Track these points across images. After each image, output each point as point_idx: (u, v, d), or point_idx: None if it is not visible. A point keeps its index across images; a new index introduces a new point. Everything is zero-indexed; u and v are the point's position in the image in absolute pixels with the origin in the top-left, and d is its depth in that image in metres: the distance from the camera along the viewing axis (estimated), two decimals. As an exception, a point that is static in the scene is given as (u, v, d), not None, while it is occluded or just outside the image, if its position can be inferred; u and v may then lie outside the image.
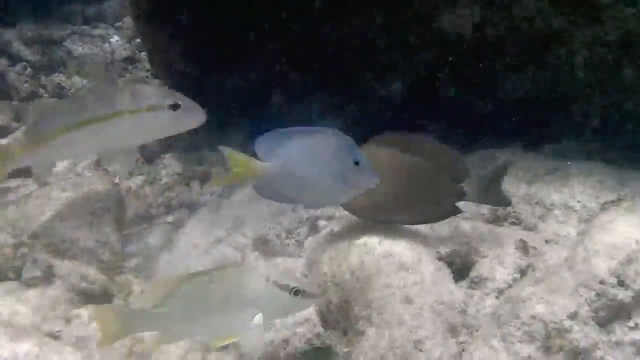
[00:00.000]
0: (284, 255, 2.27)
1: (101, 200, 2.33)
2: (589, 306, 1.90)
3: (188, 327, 1.67)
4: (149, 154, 2.88)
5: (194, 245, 2.29)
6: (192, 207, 2.55)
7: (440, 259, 2.11)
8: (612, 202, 2.22)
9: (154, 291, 1.67)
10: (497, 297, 2.04)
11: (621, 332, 1.93)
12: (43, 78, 3.50)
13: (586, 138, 2.67)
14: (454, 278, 2.08)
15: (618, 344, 1.91)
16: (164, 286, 1.64)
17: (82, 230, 2.25)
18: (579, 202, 2.25)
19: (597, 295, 1.90)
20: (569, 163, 2.38)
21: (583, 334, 1.86)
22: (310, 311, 2.11)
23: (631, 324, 1.93)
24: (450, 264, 2.11)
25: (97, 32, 3.90)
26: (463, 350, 1.93)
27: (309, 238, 2.30)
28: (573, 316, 1.87)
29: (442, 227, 2.17)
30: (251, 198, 2.35)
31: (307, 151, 1.75)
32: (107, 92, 2.03)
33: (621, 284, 1.92)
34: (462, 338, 1.96)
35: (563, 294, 1.90)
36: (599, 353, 1.87)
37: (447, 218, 2.13)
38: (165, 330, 1.66)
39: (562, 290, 1.91)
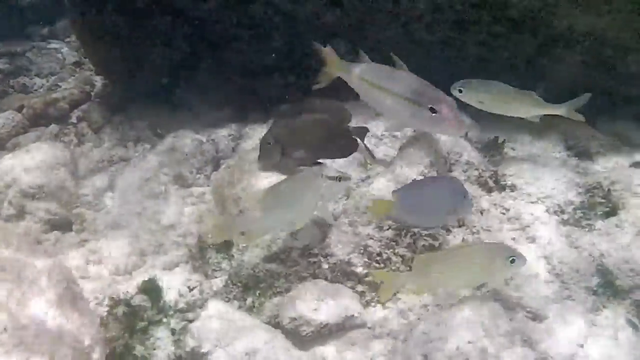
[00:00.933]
0: (197, 186, 2.29)
1: (58, 158, 2.30)
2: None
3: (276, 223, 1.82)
4: (95, 128, 2.83)
5: (129, 184, 2.29)
6: (127, 160, 2.54)
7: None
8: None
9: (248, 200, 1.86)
10: (346, 199, 2.10)
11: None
12: (11, 80, 3.38)
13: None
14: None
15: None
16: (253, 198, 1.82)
17: (45, 179, 2.21)
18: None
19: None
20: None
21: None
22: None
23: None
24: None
25: (51, 45, 3.79)
26: (325, 236, 2.00)
27: (214, 172, 2.33)
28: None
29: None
30: (166, 149, 2.35)
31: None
32: None
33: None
34: (324, 228, 2.02)
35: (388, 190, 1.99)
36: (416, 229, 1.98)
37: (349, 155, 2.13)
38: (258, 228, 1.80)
39: (387, 187, 1.99)
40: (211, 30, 2.63)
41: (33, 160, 2.24)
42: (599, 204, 2.11)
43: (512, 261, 1.72)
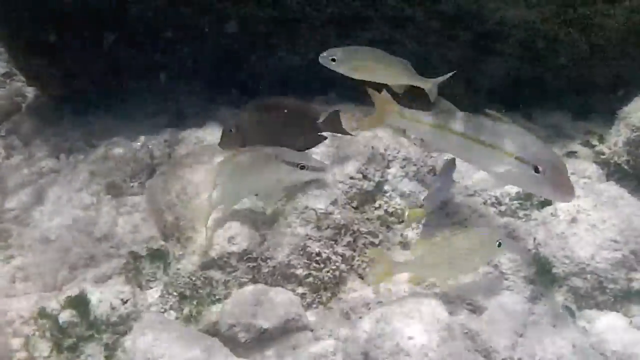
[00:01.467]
0: (131, 195, 2.22)
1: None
2: (345, 195, 1.99)
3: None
4: (25, 139, 2.73)
5: (59, 196, 2.20)
6: (59, 171, 2.44)
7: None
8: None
9: None
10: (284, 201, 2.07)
11: (370, 211, 2.04)
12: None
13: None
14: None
15: (369, 219, 2.03)
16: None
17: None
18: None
19: (350, 187, 2.00)
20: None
21: (342, 215, 1.95)
22: (153, 231, 2.10)
23: (376, 205, 2.05)
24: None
25: (-19, 58, 3.64)
26: (264, 239, 1.96)
27: (148, 180, 2.27)
28: (334, 203, 1.96)
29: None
30: (98, 158, 2.27)
31: None
32: None
33: (365, 178, 2.03)
34: (262, 231, 1.98)
35: (326, 189, 1.97)
36: (355, 227, 1.97)
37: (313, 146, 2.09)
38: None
39: (325, 187, 1.98)
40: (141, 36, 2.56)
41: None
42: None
43: (500, 245, 1.76)
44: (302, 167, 1.88)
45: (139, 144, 2.36)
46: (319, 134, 2.04)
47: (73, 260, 2.00)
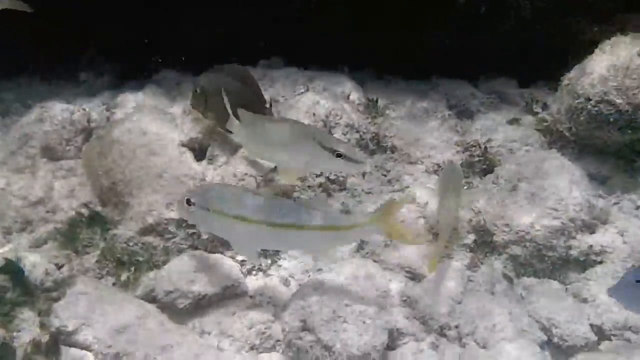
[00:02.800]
0: (67, 158, 2.17)
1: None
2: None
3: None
4: None
5: None
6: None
7: (183, 145, 2.09)
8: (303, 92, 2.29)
9: None
10: (225, 166, 2.06)
11: (311, 177, 2.04)
12: None
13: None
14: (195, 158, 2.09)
15: (310, 186, 2.03)
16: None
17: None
18: (282, 96, 2.30)
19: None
20: (273, 70, 2.43)
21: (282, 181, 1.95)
22: (90, 197, 2.07)
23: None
24: (191, 149, 2.10)
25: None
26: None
27: (85, 144, 2.22)
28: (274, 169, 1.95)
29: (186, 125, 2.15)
30: (33, 120, 2.20)
31: None
32: None
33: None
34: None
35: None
36: (296, 193, 1.97)
37: None
38: None
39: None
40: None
41: None
42: (477, 162, 2.19)
43: None
44: (339, 156, 1.73)
45: (75, 106, 2.29)
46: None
47: (8, 224, 1.96)
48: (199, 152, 2.12)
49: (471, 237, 2.02)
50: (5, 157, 2.13)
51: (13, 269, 1.75)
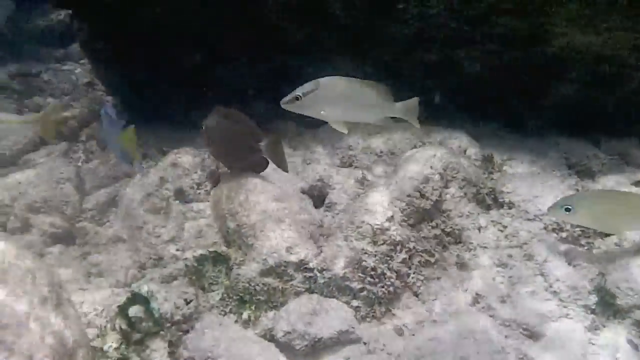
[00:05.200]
0: (197, 201, 2.33)
1: (64, 173, 2.36)
2: (401, 212, 2.03)
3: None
4: (103, 146, 2.91)
5: (132, 199, 2.34)
6: (131, 176, 2.60)
7: (303, 192, 2.20)
8: (420, 146, 2.35)
9: None
10: (342, 215, 2.14)
11: (427, 230, 2.07)
12: (26, 101, 3.50)
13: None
14: (314, 205, 2.19)
15: (425, 238, 2.06)
16: None
17: (50, 193, 2.28)
18: (399, 149, 2.37)
19: (407, 205, 2.03)
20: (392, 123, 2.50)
21: (398, 232, 1.99)
22: (216, 237, 2.20)
23: (433, 224, 2.08)
24: (311, 196, 2.21)
25: (66, 67, 3.92)
26: (321, 251, 2.03)
27: (214, 188, 2.38)
28: (390, 220, 2.00)
29: (306, 171, 2.26)
30: (171, 164, 2.40)
31: None
32: None
33: (423, 196, 2.06)
34: (320, 243, 2.06)
35: (383, 205, 2.02)
36: (411, 244, 2.01)
37: (262, 170, 2.25)
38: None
39: (382, 202, 2.03)
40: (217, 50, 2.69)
41: (39, 175, 2.31)
42: (599, 223, 2.12)
43: None
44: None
45: (206, 153, 2.47)
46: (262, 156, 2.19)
47: (142, 260, 2.12)
48: (318, 199, 2.22)
49: (592, 298, 1.94)
50: (143, 198, 2.33)
51: (148, 301, 1.88)
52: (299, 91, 1.88)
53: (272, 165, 2.25)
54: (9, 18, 3.52)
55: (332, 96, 1.88)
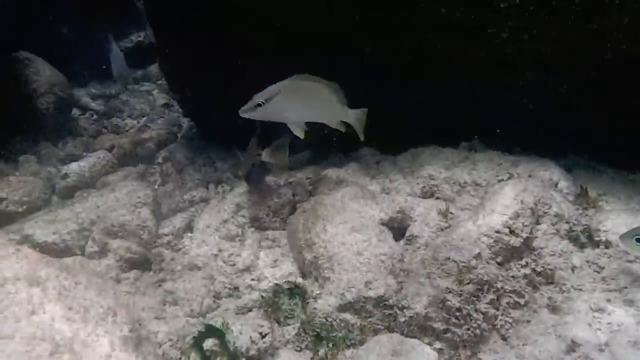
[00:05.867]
0: (272, 229, 2.29)
1: (141, 197, 2.37)
2: (489, 250, 1.90)
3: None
4: (179, 166, 2.93)
5: (207, 225, 2.32)
6: (207, 201, 2.59)
7: (382, 224, 2.12)
8: (507, 178, 2.22)
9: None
10: (425, 249, 2.04)
11: (516, 268, 1.94)
12: (105, 121, 3.58)
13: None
14: (394, 237, 2.10)
15: (514, 277, 1.92)
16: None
17: (128, 218, 2.28)
18: (484, 180, 2.25)
19: (495, 241, 1.91)
20: (475, 153, 2.38)
21: (485, 271, 1.87)
22: (292, 268, 2.15)
23: (523, 262, 1.94)
24: (390, 228, 2.12)
25: (144, 88, 4.00)
26: (401, 287, 1.94)
27: (290, 216, 2.33)
28: (477, 257, 1.88)
29: (385, 201, 2.18)
30: (247, 191, 2.38)
31: None
32: None
33: (512, 233, 1.93)
34: (400, 279, 1.96)
35: (469, 241, 1.91)
36: (499, 284, 1.88)
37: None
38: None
39: (469, 238, 1.91)
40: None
41: (117, 199, 2.33)
42: None
43: None
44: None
45: (282, 179, 2.43)
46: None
47: (217, 289, 2.08)
48: (398, 231, 2.12)
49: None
50: (218, 225, 2.30)
51: (223, 334, 1.84)
52: (260, 98, 1.89)
53: (351, 194, 2.18)
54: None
55: (293, 99, 1.92)
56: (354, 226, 2.07)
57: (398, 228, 2.14)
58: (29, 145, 3.15)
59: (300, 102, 1.94)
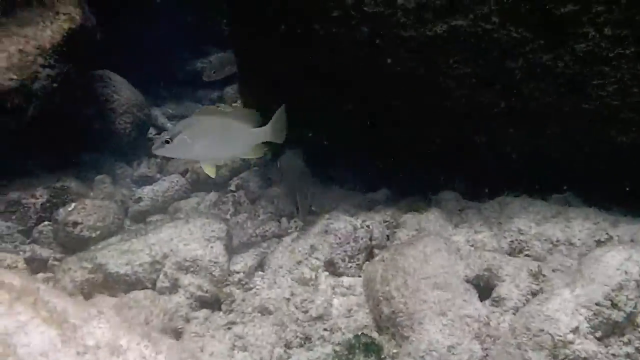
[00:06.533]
0: (347, 275, 2.18)
1: (215, 231, 2.31)
2: (588, 323, 1.74)
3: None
4: (251, 196, 2.87)
5: (280, 266, 2.23)
6: (280, 237, 2.51)
7: (467, 281, 1.98)
8: (605, 240, 2.04)
9: None
10: (513, 314, 1.89)
11: (617, 346, 1.76)
12: (180, 142, 3.56)
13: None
14: (479, 297, 1.95)
15: (615, 355, 1.74)
16: None
17: (200, 252, 2.22)
18: (579, 239, 2.08)
19: (595, 314, 1.74)
20: (569, 207, 2.21)
21: (583, 347, 1.70)
22: (367, 320, 2.04)
23: (625, 339, 1.76)
24: (476, 286, 1.98)
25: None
26: (487, 355, 1.80)
27: (366, 262, 2.22)
28: (575, 331, 1.72)
29: (471, 257, 2.04)
30: (322, 231, 2.28)
31: None
32: None
33: (614, 306, 1.75)
34: (486, 345, 1.82)
35: (566, 312, 1.74)
36: (597, 362, 1.71)
37: None
38: None
39: (565, 309, 1.75)
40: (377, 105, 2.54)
41: (191, 232, 2.27)
42: None
43: None
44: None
45: (358, 221, 2.33)
46: None
47: (289, 337, 1.99)
48: (484, 290, 1.98)
49: None
50: (291, 267, 2.21)
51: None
52: (167, 135, 1.83)
53: (433, 246, 2.05)
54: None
55: (202, 135, 1.86)
56: (437, 282, 1.94)
57: (484, 287, 1.99)
58: (105, 165, 3.16)
59: (210, 138, 1.89)
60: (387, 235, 2.34)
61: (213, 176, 2.02)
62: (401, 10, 2.06)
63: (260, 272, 2.28)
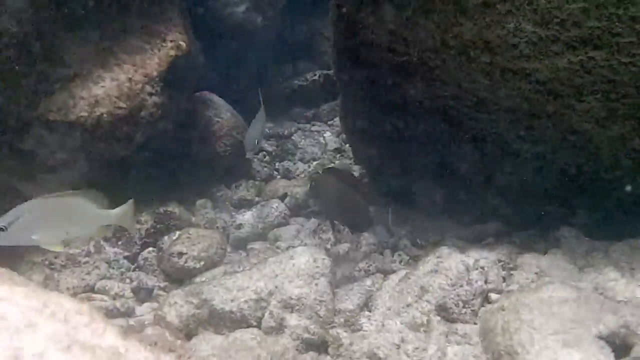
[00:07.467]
0: (462, 322, 2.03)
1: (319, 267, 2.22)
2: None
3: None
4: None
5: (388, 307, 2.11)
6: (384, 272, 2.39)
7: (601, 338, 1.77)
8: None
9: None
10: (657, 380, 1.67)
11: None
12: (277, 164, 3.52)
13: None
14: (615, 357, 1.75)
15: None
16: None
17: (305, 290, 2.14)
18: None
19: None
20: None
21: None
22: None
23: None
24: (610, 343, 1.77)
25: (314, 128, 3.91)
26: None
27: (482, 308, 2.05)
28: None
29: (603, 310, 1.83)
30: (432, 270, 2.14)
31: None
32: None
33: None
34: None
35: None
36: None
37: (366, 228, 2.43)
38: None
39: None
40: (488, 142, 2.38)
41: (295, 268, 2.20)
42: None
43: None
44: None
45: (471, 260, 2.16)
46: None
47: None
48: (620, 349, 1.76)
49: None
50: (400, 309, 2.08)
51: None
52: (1, 222, 1.73)
53: (560, 296, 1.86)
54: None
55: (41, 218, 1.80)
56: (566, 339, 1.75)
57: (620, 346, 1.77)
58: (205, 187, 3.16)
59: (49, 221, 1.82)
60: (503, 277, 2.16)
61: (61, 250, 1.94)
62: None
63: (366, 312, 2.17)
